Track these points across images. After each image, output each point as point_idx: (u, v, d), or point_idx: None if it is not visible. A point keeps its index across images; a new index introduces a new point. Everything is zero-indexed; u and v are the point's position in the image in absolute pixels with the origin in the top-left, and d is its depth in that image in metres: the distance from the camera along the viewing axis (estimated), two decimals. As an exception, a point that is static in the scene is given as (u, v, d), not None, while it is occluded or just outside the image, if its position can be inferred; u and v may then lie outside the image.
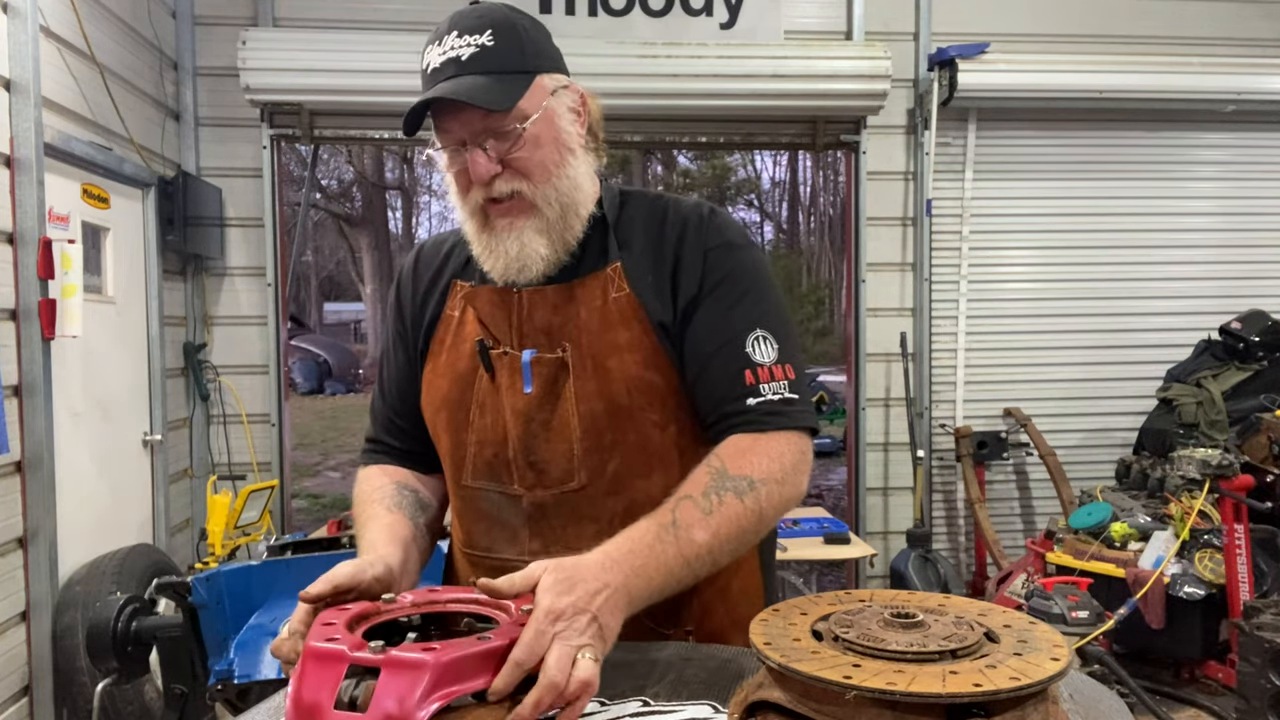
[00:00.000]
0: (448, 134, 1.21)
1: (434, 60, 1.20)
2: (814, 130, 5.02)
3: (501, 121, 1.18)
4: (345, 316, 26.19)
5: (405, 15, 4.74)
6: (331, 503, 8.78)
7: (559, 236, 1.25)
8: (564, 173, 1.23)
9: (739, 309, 1.24)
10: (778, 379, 1.22)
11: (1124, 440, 5.09)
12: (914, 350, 5.06)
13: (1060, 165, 5.16)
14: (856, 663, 0.80)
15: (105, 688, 1.77)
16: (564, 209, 1.24)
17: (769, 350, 1.23)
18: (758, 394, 1.20)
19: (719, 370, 1.22)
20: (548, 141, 1.22)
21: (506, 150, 1.19)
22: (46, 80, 3.33)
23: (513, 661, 0.90)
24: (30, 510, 3.22)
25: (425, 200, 24.74)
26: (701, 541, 1.09)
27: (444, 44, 1.19)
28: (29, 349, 3.21)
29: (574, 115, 1.26)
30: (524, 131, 1.19)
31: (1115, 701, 1.10)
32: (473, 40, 1.18)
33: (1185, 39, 5.14)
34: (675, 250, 1.26)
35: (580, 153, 1.26)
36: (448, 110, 1.18)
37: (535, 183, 1.21)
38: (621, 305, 1.24)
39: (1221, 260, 5.26)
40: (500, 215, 1.23)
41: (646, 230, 1.29)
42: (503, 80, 1.17)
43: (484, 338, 1.28)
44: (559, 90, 1.24)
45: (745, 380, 1.21)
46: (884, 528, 5.13)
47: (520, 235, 1.22)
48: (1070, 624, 3.26)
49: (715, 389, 1.22)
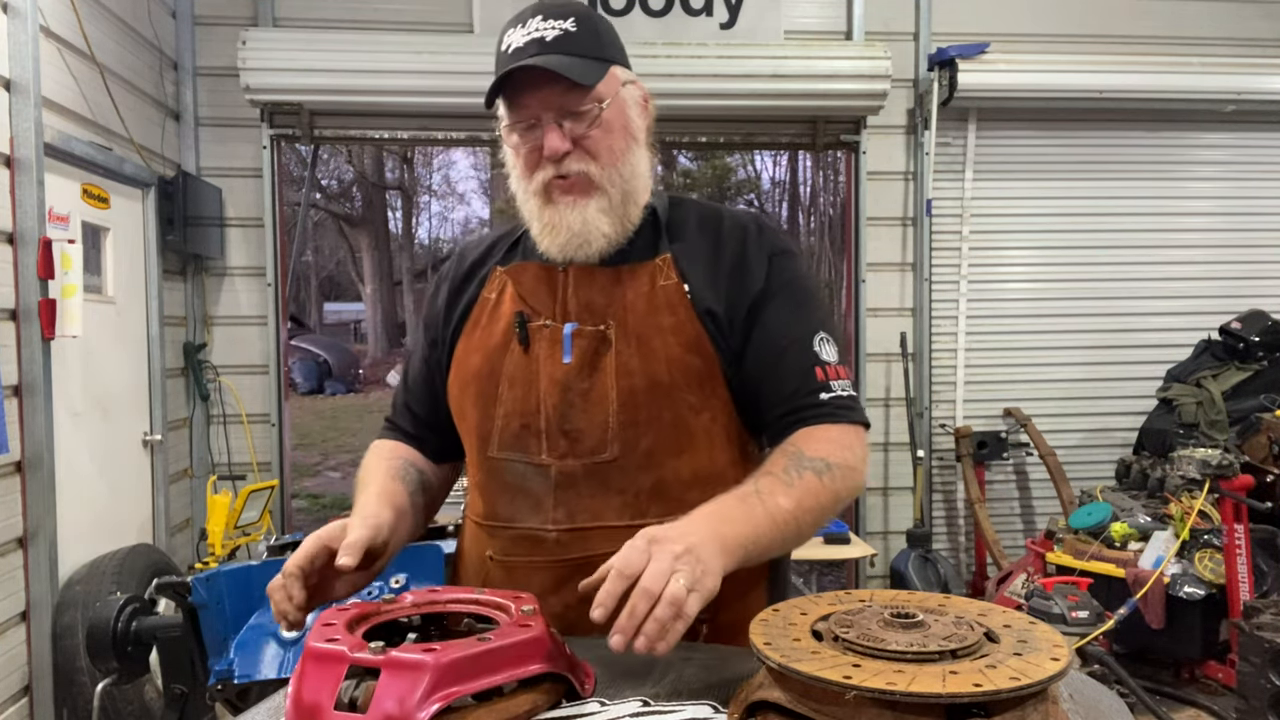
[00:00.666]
0: (523, 109, 1.26)
1: (516, 40, 1.25)
2: (814, 130, 5.02)
3: (579, 100, 1.24)
4: (345, 316, 26.20)
5: (405, 15, 4.74)
6: (331, 503, 8.77)
7: (620, 219, 1.30)
8: (628, 159, 1.30)
9: (804, 311, 1.31)
10: (843, 377, 1.29)
11: (1124, 440, 5.09)
12: (914, 350, 5.06)
13: (1060, 165, 5.16)
14: (856, 663, 0.80)
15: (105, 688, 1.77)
16: (625, 195, 1.30)
17: (832, 351, 1.30)
18: (829, 389, 1.27)
19: (791, 366, 1.28)
20: (617, 127, 1.29)
21: (580, 130, 1.25)
22: (46, 80, 3.33)
23: (616, 571, 0.96)
24: (30, 510, 3.22)
25: (425, 200, 24.75)
26: (786, 507, 1.14)
27: (528, 26, 1.25)
28: (29, 349, 3.21)
29: (640, 109, 1.34)
30: (600, 113, 1.26)
31: (1115, 701, 1.10)
32: (557, 24, 1.24)
33: (1185, 39, 5.14)
34: (737, 250, 1.32)
35: (642, 145, 1.34)
36: (526, 86, 1.24)
37: (602, 165, 1.27)
38: (669, 292, 1.29)
39: (1221, 260, 5.26)
40: (564, 193, 1.28)
41: (700, 230, 1.35)
42: (585, 62, 1.24)
43: (523, 310, 1.32)
44: (628, 84, 1.32)
45: (816, 376, 1.27)
46: (884, 528, 5.13)
47: (584, 211, 1.28)
48: (1070, 624, 3.26)
49: (787, 383, 1.28)
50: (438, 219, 26.82)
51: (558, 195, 1.28)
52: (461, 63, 4.44)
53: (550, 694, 0.97)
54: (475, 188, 25.35)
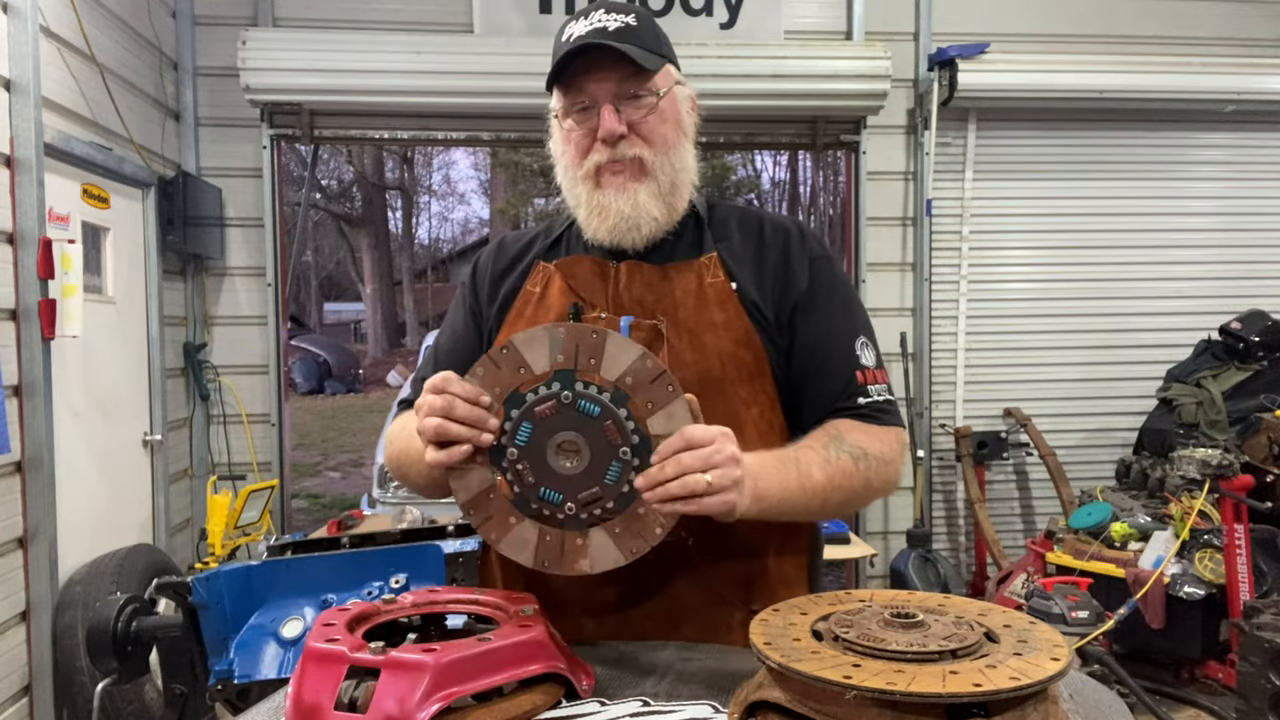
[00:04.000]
0: (580, 93, 1.30)
1: (578, 30, 1.29)
2: (814, 130, 5.02)
3: (638, 86, 1.28)
4: (345, 316, 26.19)
5: (405, 15, 4.74)
6: (331, 503, 8.77)
7: (668, 206, 1.33)
8: (679, 151, 1.34)
9: (846, 316, 1.35)
10: (881, 381, 1.33)
11: (1124, 440, 5.09)
12: (914, 350, 5.06)
13: (1060, 165, 5.16)
14: (856, 663, 0.80)
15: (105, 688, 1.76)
16: (673, 185, 1.33)
17: (871, 356, 1.34)
18: (867, 394, 1.31)
19: (833, 369, 1.31)
20: (671, 119, 1.33)
21: (636, 115, 1.29)
22: (46, 80, 3.33)
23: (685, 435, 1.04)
24: (30, 510, 3.22)
25: (425, 200, 24.76)
26: (819, 480, 1.20)
27: (590, 18, 1.29)
28: (29, 349, 3.21)
29: (690, 106, 1.39)
30: (657, 101, 1.30)
31: (1115, 701, 1.10)
32: (619, 18, 1.29)
33: (1185, 39, 5.14)
34: (781, 252, 1.36)
35: (690, 141, 1.38)
36: (585, 72, 1.27)
37: (656, 151, 1.30)
38: (718, 289, 1.32)
39: (1221, 260, 5.26)
40: (614, 175, 1.30)
41: (742, 231, 1.38)
42: (646, 53, 1.28)
43: (577, 302, 1.34)
44: (680, 84, 1.37)
45: (857, 380, 1.31)
46: (884, 528, 5.13)
47: (635, 196, 1.30)
48: (1070, 624, 3.26)
49: (828, 386, 1.31)
50: (438, 219, 26.84)
51: (608, 178, 1.30)
52: (461, 63, 4.45)
53: (550, 694, 0.97)
54: (475, 188, 25.38)
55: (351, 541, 1.82)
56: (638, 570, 1.27)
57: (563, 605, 1.28)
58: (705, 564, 1.28)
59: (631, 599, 1.29)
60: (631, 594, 1.29)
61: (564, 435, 1.07)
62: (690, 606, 1.29)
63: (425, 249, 24.94)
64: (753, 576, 1.31)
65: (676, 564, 1.28)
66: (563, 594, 1.28)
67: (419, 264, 23.30)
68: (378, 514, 4.20)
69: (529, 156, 16.67)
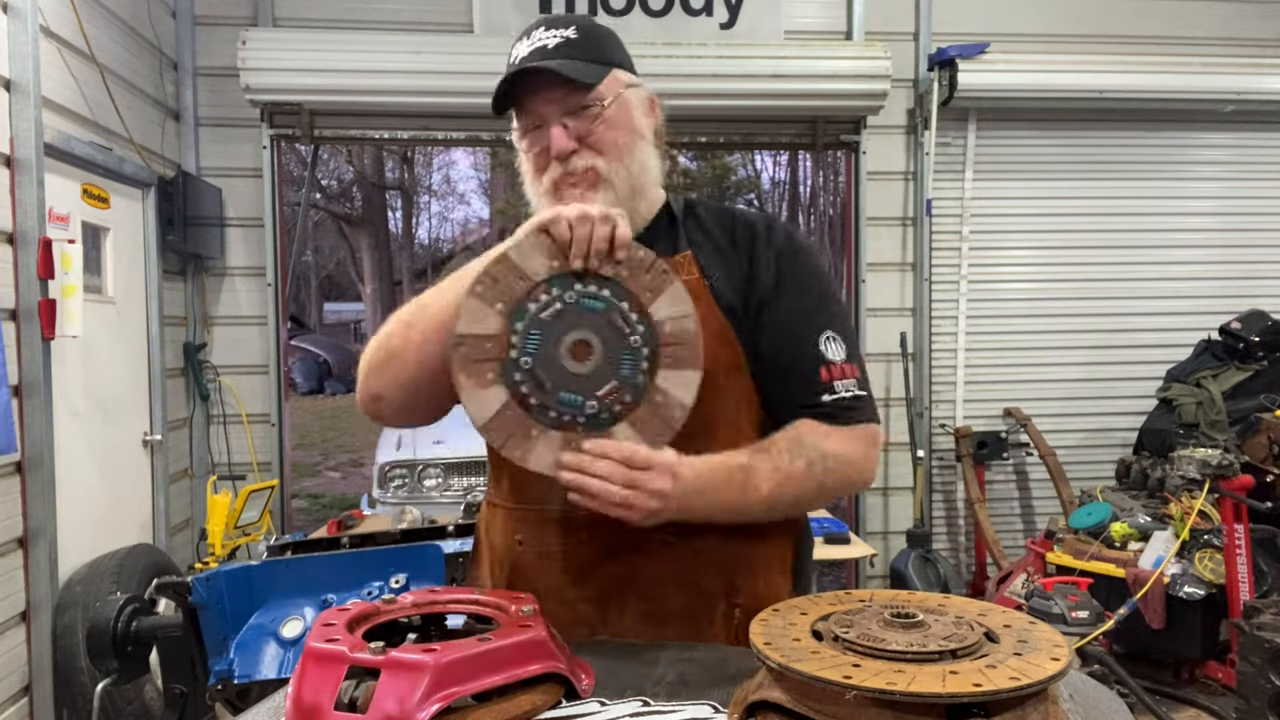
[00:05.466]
0: (529, 114, 1.31)
1: (521, 51, 1.31)
2: (814, 130, 5.02)
3: (582, 99, 1.29)
4: (345, 316, 26.18)
5: (405, 15, 4.74)
6: (331, 503, 8.77)
7: (630, 210, 1.31)
8: (635, 155, 1.33)
9: (811, 309, 1.33)
10: (849, 376, 1.31)
11: (1124, 440, 5.09)
12: (914, 350, 5.06)
13: (1060, 165, 5.16)
14: (856, 663, 0.80)
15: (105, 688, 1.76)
16: (633, 190, 1.33)
17: (839, 349, 1.31)
18: (832, 390, 1.29)
19: (795, 367, 1.30)
20: (622, 124, 1.32)
21: (584, 128, 1.29)
22: (46, 80, 3.33)
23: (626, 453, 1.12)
24: (30, 510, 3.22)
25: (425, 200, 24.74)
26: (764, 492, 1.23)
27: (532, 38, 1.32)
28: (29, 349, 3.21)
29: (645, 109, 1.37)
30: (602, 111, 1.30)
31: (1115, 701, 1.10)
32: (559, 33, 1.31)
33: (1185, 39, 5.14)
34: (749, 249, 1.35)
35: (649, 143, 1.37)
36: (531, 91, 1.29)
37: (609, 159, 1.31)
38: (692, 286, 1.31)
39: (1221, 260, 5.26)
40: (571, 188, 1.30)
41: (717, 228, 1.38)
42: (585, 65, 1.29)
43: None
44: (632, 86, 1.36)
45: (820, 377, 1.30)
46: (884, 528, 5.13)
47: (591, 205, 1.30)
48: (1070, 624, 3.26)
49: (790, 384, 1.31)
50: (438, 219, 26.81)
51: (566, 191, 1.30)
52: (461, 63, 4.44)
53: (550, 694, 0.97)
54: (475, 188, 25.35)
55: (351, 541, 1.82)
56: (620, 567, 1.28)
57: (545, 602, 1.28)
58: (688, 558, 1.29)
59: (614, 595, 1.30)
60: (614, 590, 1.29)
61: (573, 335, 1.09)
62: (673, 602, 1.29)
63: (425, 249, 24.92)
64: (735, 570, 1.31)
65: (659, 560, 1.28)
66: (542, 588, 1.28)
67: (419, 264, 23.26)
68: (378, 514, 4.20)
69: (529, 156, 16.62)
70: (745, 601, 1.29)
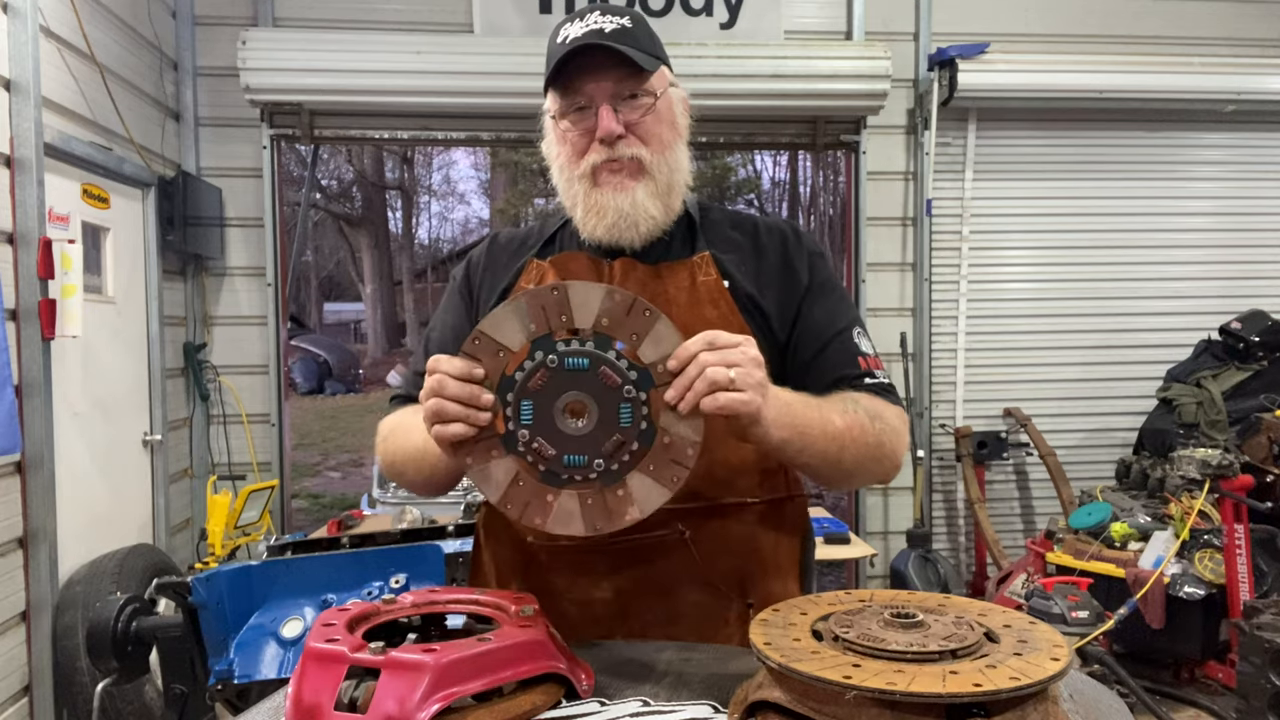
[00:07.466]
0: (577, 94, 1.30)
1: (574, 32, 1.29)
2: (814, 130, 5.02)
3: (634, 86, 1.30)
4: (345, 316, 26.16)
5: (405, 15, 4.75)
6: (331, 503, 8.77)
7: (665, 206, 1.34)
8: (674, 151, 1.35)
9: (842, 308, 1.39)
10: (879, 368, 1.36)
11: (1124, 440, 5.09)
12: (914, 350, 5.06)
13: (1060, 165, 5.16)
14: (856, 663, 0.80)
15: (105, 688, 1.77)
16: (670, 185, 1.35)
17: (869, 344, 1.38)
18: (872, 376, 1.34)
19: (835, 356, 1.34)
20: (667, 119, 1.34)
21: (633, 117, 1.30)
22: (46, 80, 3.33)
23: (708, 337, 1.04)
24: (30, 510, 3.22)
25: (425, 200, 24.74)
26: (839, 425, 1.20)
27: (586, 20, 1.30)
28: (29, 349, 3.21)
29: (683, 109, 1.40)
30: (654, 102, 1.31)
31: (1115, 701, 1.10)
32: (615, 20, 1.30)
33: (1185, 39, 5.14)
34: (780, 253, 1.38)
35: (684, 142, 1.39)
36: (583, 72, 1.28)
37: (653, 151, 1.32)
38: (710, 287, 1.33)
39: (1221, 260, 5.26)
40: (612, 174, 1.31)
41: (737, 233, 1.41)
42: (642, 54, 1.29)
43: None
44: (673, 85, 1.38)
45: (860, 365, 1.34)
46: (884, 528, 5.13)
47: (633, 194, 1.31)
48: (1070, 624, 3.26)
49: (831, 373, 1.33)
50: (438, 219, 26.80)
51: (605, 177, 1.31)
52: (461, 63, 4.45)
53: (550, 694, 0.97)
54: (475, 188, 25.35)
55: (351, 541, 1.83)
56: (635, 566, 1.28)
57: (559, 602, 1.28)
58: (702, 557, 1.29)
59: (629, 595, 1.30)
60: (629, 589, 1.29)
61: (565, 398, 1.07)
62: (687, 601, 1.30)
63: (425, 249, 24.91)
64: (748, 569, 1.32)
65: (674, 559, 1.28)
66: (559, 590, 1.28)
67: (419, 264, 23.27)
68: (378, 514, 4.20)
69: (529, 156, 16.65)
70: (758, 602, 1.29)
